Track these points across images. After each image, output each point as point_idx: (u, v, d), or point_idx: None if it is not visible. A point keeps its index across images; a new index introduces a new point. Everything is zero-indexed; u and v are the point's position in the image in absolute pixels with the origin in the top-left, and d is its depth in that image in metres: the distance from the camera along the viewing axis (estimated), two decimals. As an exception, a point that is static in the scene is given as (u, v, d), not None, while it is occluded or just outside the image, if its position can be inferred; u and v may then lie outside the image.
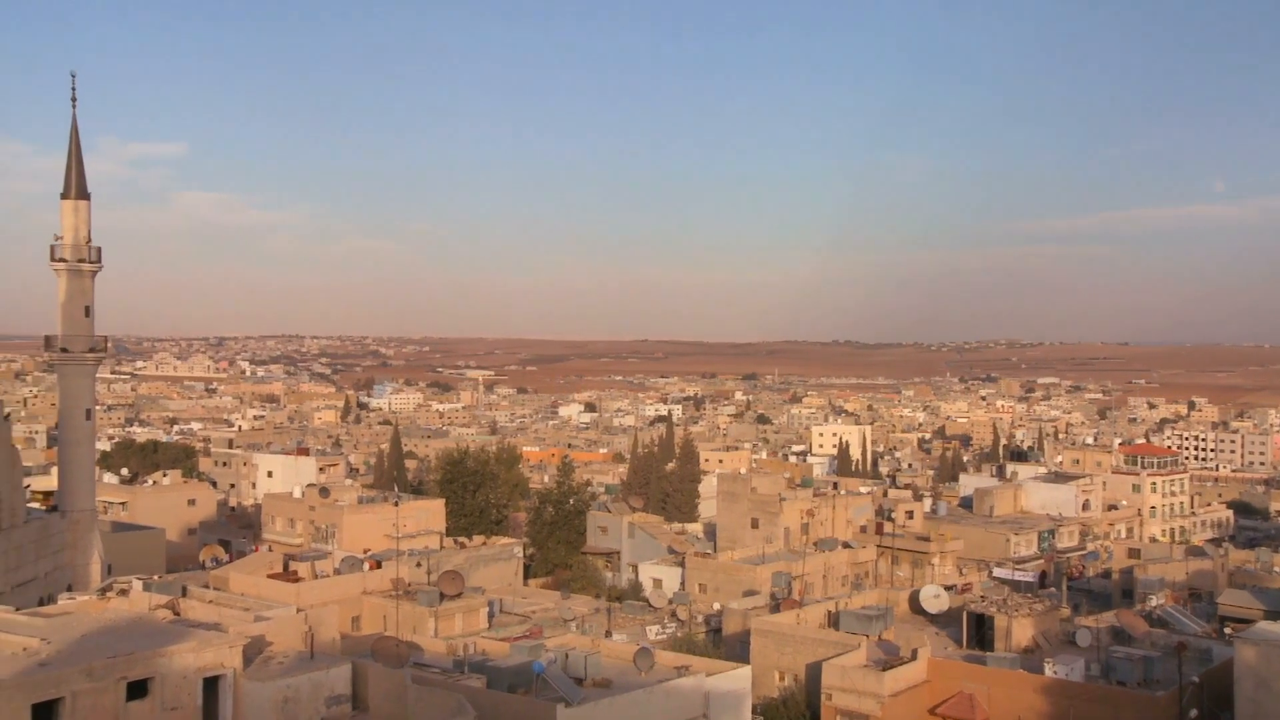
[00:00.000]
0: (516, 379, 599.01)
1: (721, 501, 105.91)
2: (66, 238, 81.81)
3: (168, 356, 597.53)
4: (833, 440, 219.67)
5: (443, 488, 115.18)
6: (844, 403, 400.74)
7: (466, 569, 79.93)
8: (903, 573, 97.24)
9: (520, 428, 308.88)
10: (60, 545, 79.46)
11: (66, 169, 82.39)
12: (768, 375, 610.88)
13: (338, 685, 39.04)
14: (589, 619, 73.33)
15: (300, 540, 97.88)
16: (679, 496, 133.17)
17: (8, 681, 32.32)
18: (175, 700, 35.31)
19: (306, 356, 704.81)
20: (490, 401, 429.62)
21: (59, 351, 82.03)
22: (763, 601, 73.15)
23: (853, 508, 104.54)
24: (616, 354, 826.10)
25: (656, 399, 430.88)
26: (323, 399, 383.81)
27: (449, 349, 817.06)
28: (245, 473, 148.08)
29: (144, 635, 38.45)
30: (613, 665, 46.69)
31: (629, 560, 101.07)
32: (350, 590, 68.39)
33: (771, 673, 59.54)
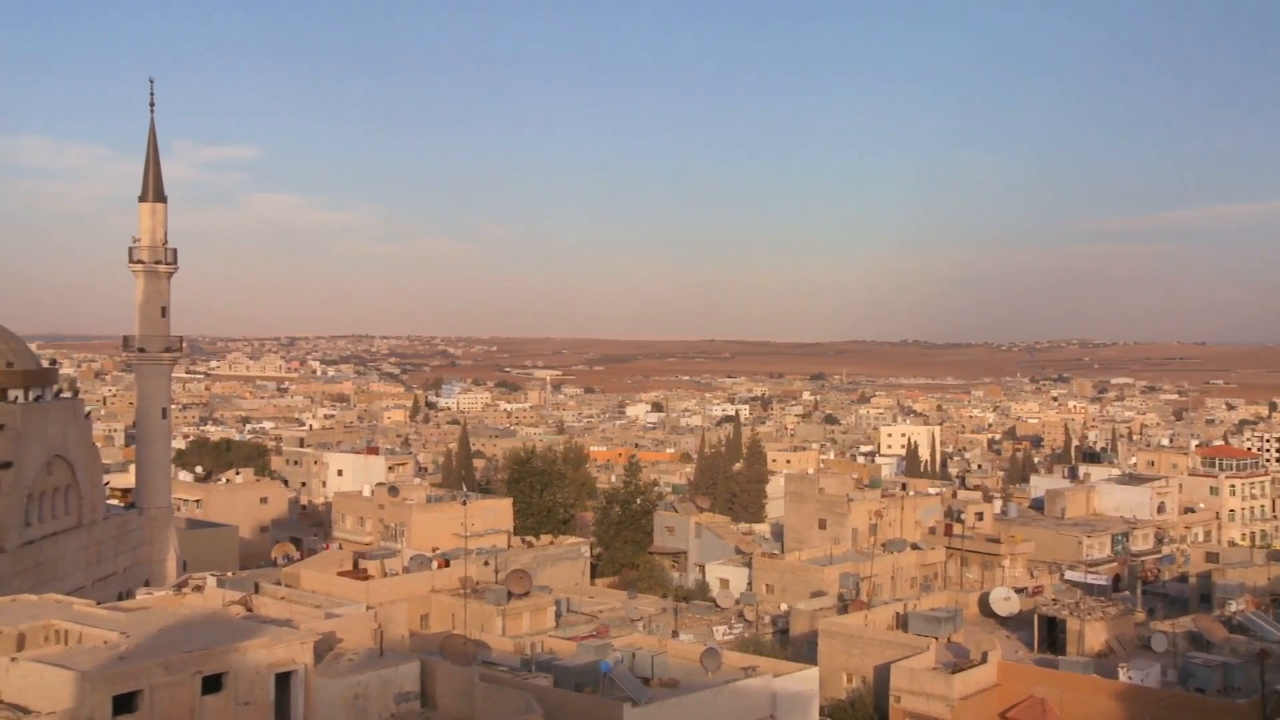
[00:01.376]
0: (584, 379, 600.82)
1: (789, 502, 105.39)
2: (144, 240, 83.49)
3: (241, 356, 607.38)
4: (901, 441, 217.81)
5: (510, 487, 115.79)
6: (913, 403, 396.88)
7: (534, 568, 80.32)
8: (972, 575, 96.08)
9: (587, 427, 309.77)
10: (138, 541, 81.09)
11: (144, 172, 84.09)
12: (836, 375, 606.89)
13: (406, 683, 39.37)
14: (656, 619, 73.31)
15: (370, 538, 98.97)
16: (746, 496, 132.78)
17: (91, 673, 33.06)
18: (249, 695, 35.83)
19: (376, 356, 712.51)
20: (557, 401, 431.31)
21: (136, 351, 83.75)
22: (830, 602, 72.68)
23: (921, 509, 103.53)
24: (684, 354, 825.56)
25: (724, 399, 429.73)
26: (392, 398, 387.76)
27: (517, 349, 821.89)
28: (316, 471, 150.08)
29: (218, 630, 39.07)
30: (679, 665, 46.60)
31: (696, 560, 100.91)
32: (419, 588, 69.00)
33: (839, 674, 59.09)
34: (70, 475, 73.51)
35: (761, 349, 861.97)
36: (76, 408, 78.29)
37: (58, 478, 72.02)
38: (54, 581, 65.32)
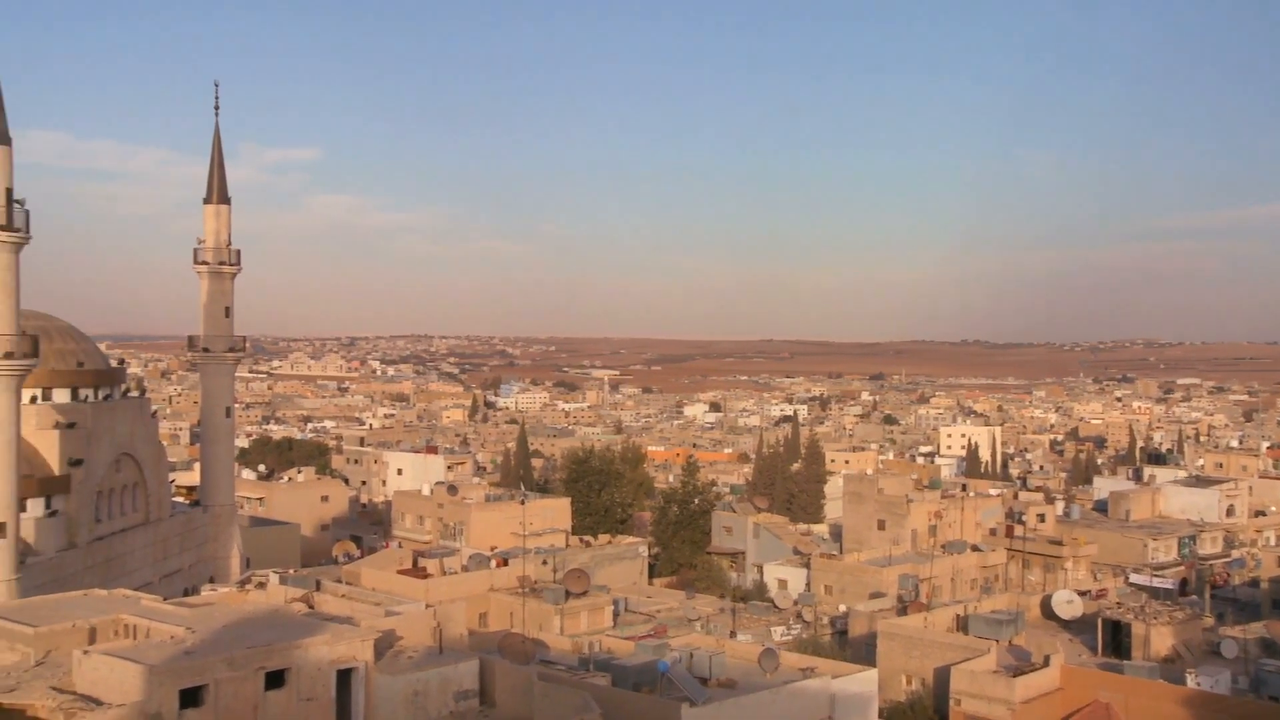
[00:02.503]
0: (642, 378, 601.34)
1: (847, 502, 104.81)
2: (208, 241, 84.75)
3: (302, 356, 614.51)
4: (961, 441, 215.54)
5: (568, 486, 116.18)
6: (973, 403, 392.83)
7: (592, 567, 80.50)
8: (1034, 577, 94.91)
9: (645, 427, 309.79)
10: (203, 538, 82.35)
11: (209, 175, 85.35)
12: (895, 375, 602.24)
13: (465, 681, 39.61)
14: (713, 619, 73.23)
15: (429, 537, 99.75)
16: (804, 497, 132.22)
17: (159, 667, 33.62)
18: (310, 691, 36.23)
19: (435, 356, 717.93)
20: (615, 401, 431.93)
21: (201, 351, 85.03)
22: (889, 604, 72.16)
23: (982, 510, 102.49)
24: (742, 354, 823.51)
25: (782, 399, 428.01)
26: (451, 398, 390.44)
27: (575, 349, 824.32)
28: (376, 470, 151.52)
29: (281, 627, 39.55)
30: (737, 665, 46.48)
31: (754, 560, 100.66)
32: (478, 587, 69.42)
33: (898, 676, 58.63)
34: (138, 473, 74.83)
35: (820, 349, 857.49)
36: (144, 407, 79.65)
37: (126, 475, 73.33)
38: (123, 577, 66.50)
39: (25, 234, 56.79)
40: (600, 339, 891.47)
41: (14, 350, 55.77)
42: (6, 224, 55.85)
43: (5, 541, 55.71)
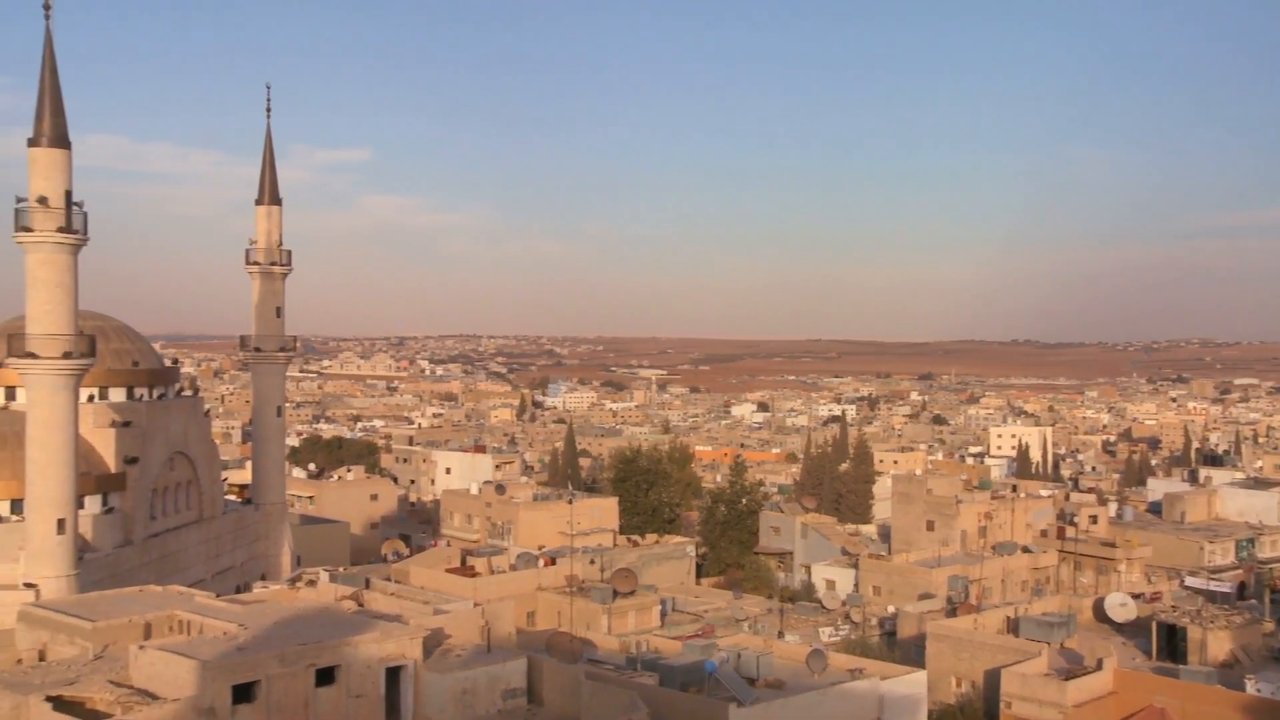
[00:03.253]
0: (689, 378, 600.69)
1: (896, 503, 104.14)
2: (260, 242, 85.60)
3: (352, 356, 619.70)
4: (1011, 442, 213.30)
5: (616, 486, 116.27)
6: (1023, 403, 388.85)
7: (639, 567, 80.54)
8: (1086, 579, 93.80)
9: (693, 427, 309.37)
10: (254, 536, 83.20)
11: (260, 176, 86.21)
12: (944, 375, 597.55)
13: (513, 679, 39.74)
14: (761, 619, 73.06)
15: (477, 536, 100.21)
16: (853, 497, 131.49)
17: (212, 663, 34.04)
18: (360, 688, 36.51)
19: (483, 356, 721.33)
20: (663, 401, 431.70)
21: (253, 351, 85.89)
22: (938, 605, 71.62)
23: (1033, 511, 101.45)
24: (790, 353, 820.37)
25: (830, 399, 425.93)
26: (499, 397, 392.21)
27: (622, 348, 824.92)
28: (425, 469, 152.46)
29: (331, 624, 39.89)
30: (785, 666, 46.33)
31: (802, 561, 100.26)
32: (525, 586, 69.66)
33: (948, 678, 58.17)
34: (191, 471, 75.76)
35: (868, 348, 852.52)
36: (197, 405, 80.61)
37: (179, 473, 74.27)
38: (176, 574, 67.36)
39: (84, 236, 57.73)
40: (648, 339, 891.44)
41: (72, 350, 56.68)
42: (66, 226, 56.77)
43: (64, 537, 56.65)
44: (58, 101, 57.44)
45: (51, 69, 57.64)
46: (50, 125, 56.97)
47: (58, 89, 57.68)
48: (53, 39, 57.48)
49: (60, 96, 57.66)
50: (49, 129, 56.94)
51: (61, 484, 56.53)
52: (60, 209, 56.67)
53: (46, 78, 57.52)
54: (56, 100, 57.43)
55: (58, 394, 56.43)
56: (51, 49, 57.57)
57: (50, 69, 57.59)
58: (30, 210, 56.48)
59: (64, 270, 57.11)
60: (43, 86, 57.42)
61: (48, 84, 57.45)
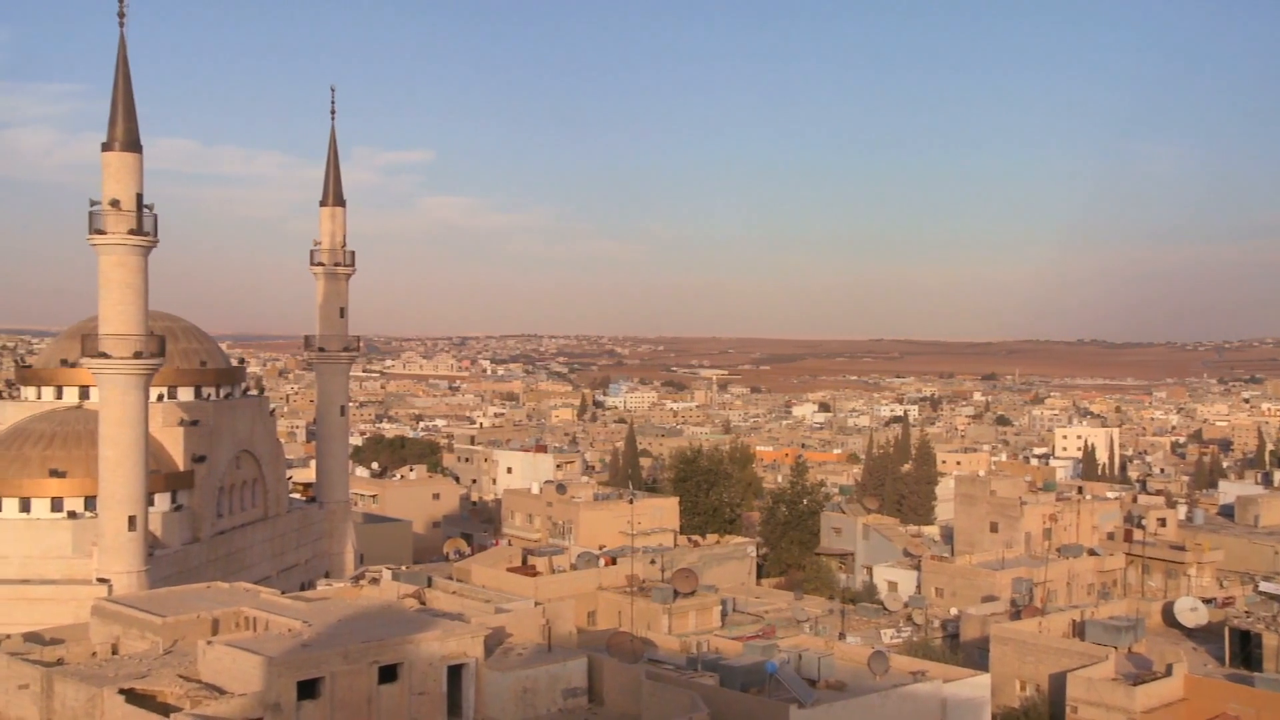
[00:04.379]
0: (750, 378, 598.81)
1: (959, 504, 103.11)
2: (324, 243, 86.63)
3: (414, 355, 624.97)
4: (1077, 443, 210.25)
5: (676, 486, 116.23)
6: (1089, 404, 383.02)
7: (700, 567, 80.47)
8: (1154, 583, 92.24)
9: (754, 427, 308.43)
10: (319, 534, 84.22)
11: (325, 178, 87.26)
12: (1008, 375, 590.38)
13: (574, 678, 39.89)
14: (822, 620, 72.66)
15: (538, 535, 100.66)
16: (915, 498, 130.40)
17: (277, 659, 34.55)
18: (422, 685, 36.84)
19: (545, 355, 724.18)
20: (724, 400, 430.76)
21: (317, 351, 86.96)
22: (1002, 608, 70.80)
23: (1099, 513, 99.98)
24: (851, 353, 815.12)
25: (892, 399, 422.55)
26: (560, 397, 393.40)
27: (683, 348, 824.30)
28: (486, 468, 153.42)
29: (394, 622, 40.29)
30: (846, 668, 46.01)
31: (863, 562, 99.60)
32: (586, 585, 69.82)
33: (1012, 682, 57.46)
34: (257, 470, 76.86)
35: (931, 348, 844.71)
36: (262, 405, 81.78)
37: (245, 472, 75.39)
38: (242, 571, 68.40)
39: (154, 238, 58.86)
40: (709, 338, 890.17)
41: (142, 350, 57.80)
42: (137, 229, 57.93)
43: (135, 534, 57.80)
44: (130, 107, 58.64)
45: (124, 75, 58.84)
46: (122, 130, 58.17)
47: (130, 94, 58.90)
48: (126, 45, 58.72)
49: (132, 102, 58.87)
50: (121, 134, 58.15)
51: (132, 481, 57.67)
52: (132, 212, 57.85)
53: (119, 84, 58.74)
54: (129, 106, 58.63)
55: (128, 393, 57.58)
56: (125, 55, 58.78)
57: (123, 75, 58.79)
58: (103, 213, 57.74)
59: (135, 272, 58.25)
60: (116, 92, 58.67)
61: (120, 90, 58.68)
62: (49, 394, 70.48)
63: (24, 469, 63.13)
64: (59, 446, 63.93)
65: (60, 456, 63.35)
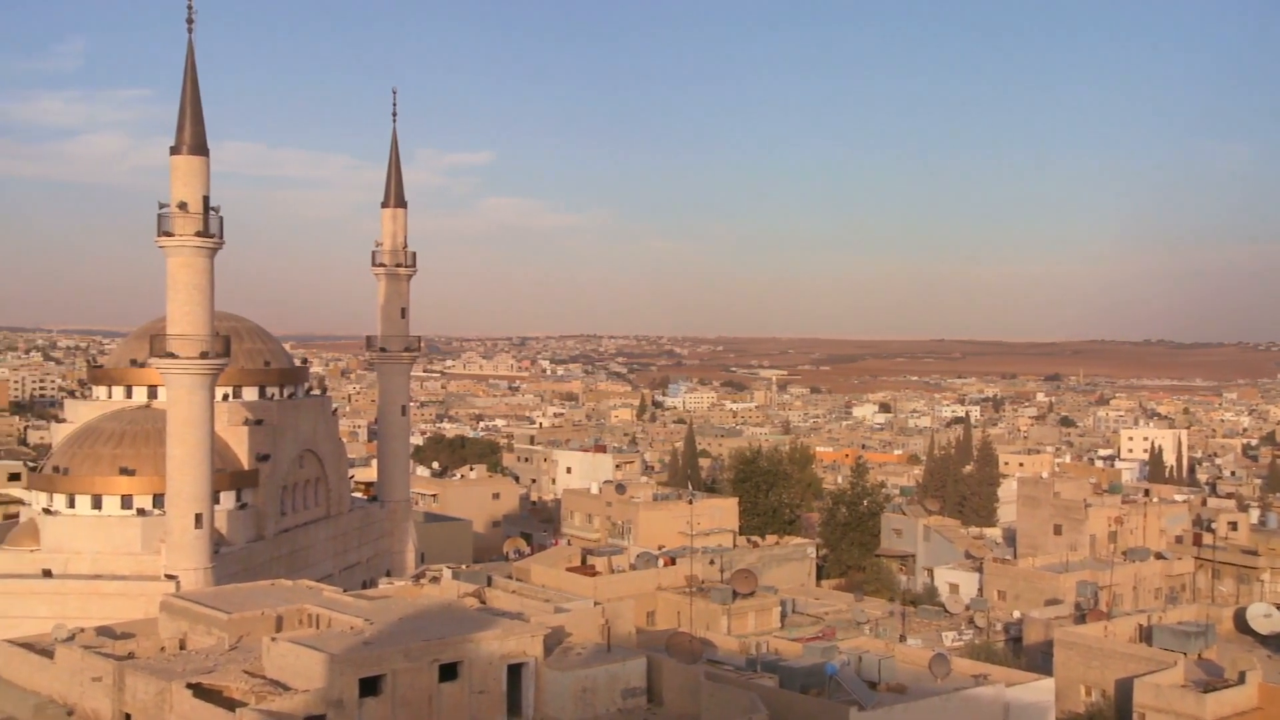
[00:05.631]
0: (810, 378, 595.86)
1: (1022, 506, 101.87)
2: (385, 244, 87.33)
3: (475, 356, 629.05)
4: (1144, 444, 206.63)
5: (736, 486, 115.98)
6: (1156, 405, 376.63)
7: (759, 568, 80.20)
8: (1225, 588, 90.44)
9: (813, 428, 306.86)
10: (380, 533, 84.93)
11: (386, 179, 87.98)
12: (1072, 376, 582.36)
13: (633, 678, 39.89)
14: (882, 622, 72.13)
15: (597, 535, 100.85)
16: (976, 500, 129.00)
17: (340, 656, 34.92)
18: (482, 684, 37.04)
19: (604, 356, 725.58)
20: (784, 401, 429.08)
21: (378, 351, 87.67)
22: (1066, 611, 69.85)
23: (1166, 516, 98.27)
24: (912, 354, 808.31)
25: (953, 400, 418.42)
26: (619, 397, 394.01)
27: (743, 348, 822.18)
28: (546, 468, 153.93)
29: (454, 621, 40.55)
30: (907, 670, 45.62)
31: (924, 564, 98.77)
32: (645, 585, 69.82)
33: (1076, 686, 56.65)
34: (319, 468, 77.70)
35: (993, 349, 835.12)
36: (325, 404, 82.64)
37: (308, 470, 76.24)
38: (305, 569, 69.15)
39: (220, 239, 59.73)
40: (768, 339, 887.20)
41: (208, 350, 58.68)
42: (204, 230, 58.81)
43: (202, 531, 58.69)
44: (198, 111, 59.56)
45: (192, 80, 59.77)
46: (190, 134, 59.09)
47: (198, 99, 59.83)
48: (194, 51, 59.67)
49: (200, 106, 59.79)
50: (189, 137, 59.06)
51: (199, 480, 58.57)
52: (199, 214, 58.74)
53: (187, 88, 59.68)
54: (197, 110, 59.55)
55: (195, 392, 58.48)
56: (193, 60, 59.72)
57: (191, 79, 59.73)
58: (171, 216, 58.67)
59: (202, 273, 59.15)
60: (184, 97, 59.60)
61: (189, 94, 59.61)
62: (119, 393, 71.74)
63: (95, 467, 64.35)
64: (128, 445, 65.05)
65: (130, 455, 64.46)
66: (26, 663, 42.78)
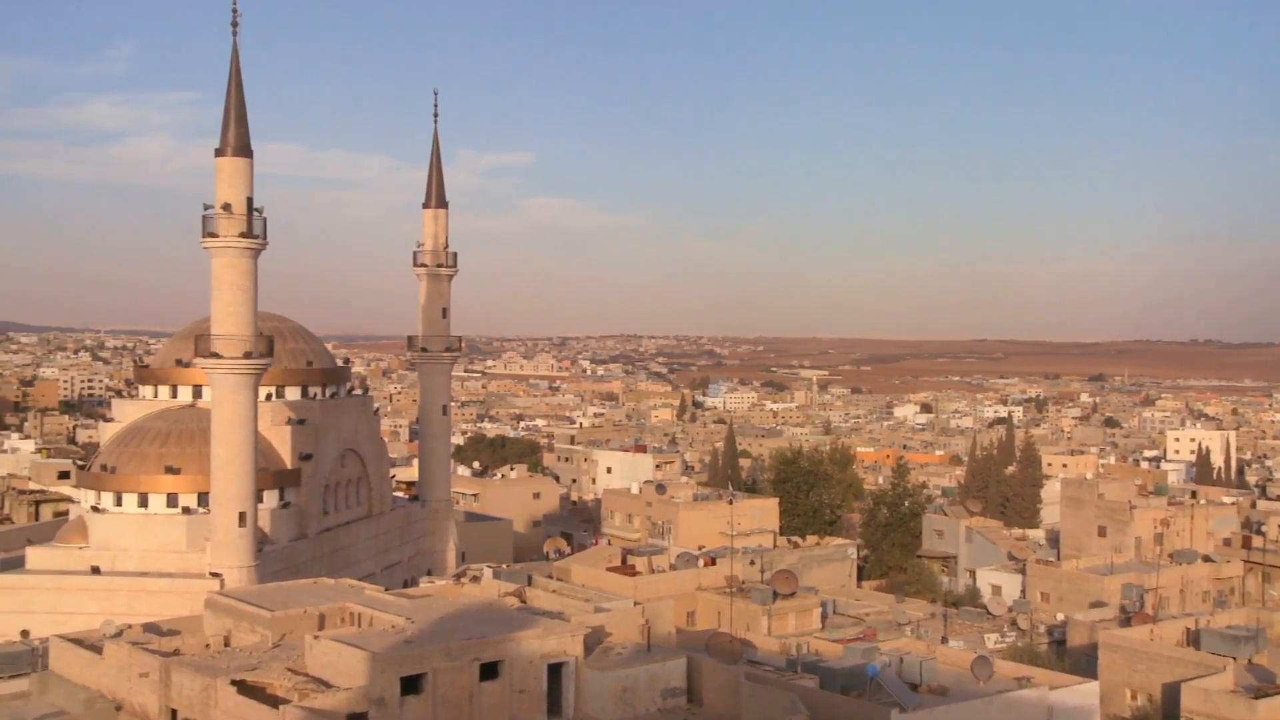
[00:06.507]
0: (851, 379, 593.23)
1: (1065, 507, 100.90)
2: (427, 244, 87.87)
3: (515, 356, 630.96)
4: (1190, 446, 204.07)
5: (776, 487, 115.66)
6: (1204, 406, 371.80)
7: (800, 568, 79.90)
8: (1276, 592, 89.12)
9: (854, 428, 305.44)
10: (421, 532, 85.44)
11: (428, 180, 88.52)
12: (1116, 376, 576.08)
13: (673, 678, 39.88)
14: (924, 623, 71.64)
15: (637, 535, 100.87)
16: (1019, 501, 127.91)
17: (381, 655, 35.16)
18: (523, 683, 37.17)
19: (644, 356, 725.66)
20: (824, 401, 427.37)
21: (420, 351, 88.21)
22: (1111, 614, 69.06)
23: (1214, 519, 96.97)
24: (954, 354, 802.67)
25: (996, 400, 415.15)
26: (659, 397, 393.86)
27: (783, 348, 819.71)
28: (586, 468, 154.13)
29: (495, 620, 40.70)
30: (949, 672, 45.29)
31: (966, 565, 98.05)
32: (685, 586, 69.74)
33: (1121, 690, 56.00)
34: (361, 468, 78.25)
35: (1036, 349, 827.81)
36: (367, 404, 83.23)
37: (350, 470, 76.81)
38: (347, 567, 69.68)
39: (263, 240, 60.31)
40: (809, 339, 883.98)
41: (252, 350, 59.25)
42: (247, 231, 59.41)
43: (245, 530, 59.28)
44: (242, 114, 60.18)
45: (237, 82, 60.40)
46: (234, 136, 59.73)
47: (242, 101, 60.46)
48: (239, 54, 60.28)
49: (244, 108, 60.42)
50: (233, 139, 59.70)
51: (242, 479, 59.16)
52: (243, 215, 59.35)
53: (232, 91, 60.32)
54: (241, 112, 60.17)
55: (239, 392, 59.07)
56: (237, 63, 60.36)
57: (235, 83, 60.36)
58: (215, 217, 59.33)
59: (245, 274, 59.75)
60: (229, 100, 60.26)
61: (233, 97, 60.25)
62: (165, 393, 72.62)
63: (142, 465, 65.14)
64: (174, 444, 65.81)
65: (175, 454, 65.21)
66: (77, 658, 43.46)
